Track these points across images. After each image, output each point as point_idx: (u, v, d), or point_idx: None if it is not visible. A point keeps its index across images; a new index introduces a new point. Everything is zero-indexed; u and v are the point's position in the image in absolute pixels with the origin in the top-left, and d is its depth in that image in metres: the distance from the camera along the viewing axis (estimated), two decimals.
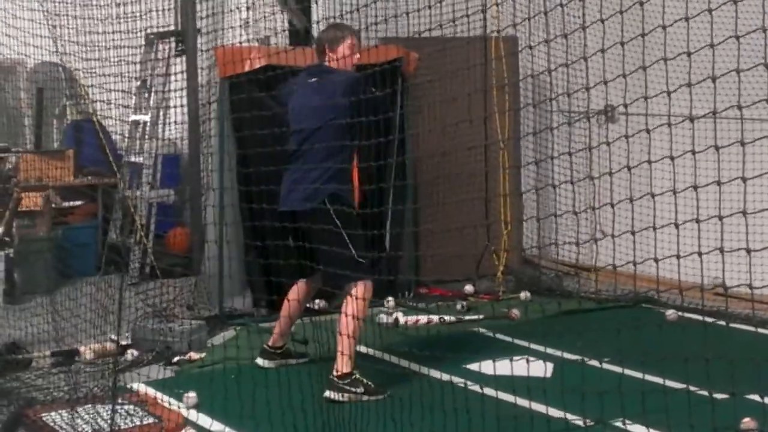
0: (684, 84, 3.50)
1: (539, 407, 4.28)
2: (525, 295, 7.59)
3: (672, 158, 3.52)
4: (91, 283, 7.22)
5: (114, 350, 5.91)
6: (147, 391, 5.03)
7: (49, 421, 4.57)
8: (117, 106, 8.29)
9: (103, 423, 4.44)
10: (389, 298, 7.25)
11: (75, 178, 8.99)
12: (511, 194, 8.05)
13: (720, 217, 3.38)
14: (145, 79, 8.78)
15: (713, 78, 3.21)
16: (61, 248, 8.33)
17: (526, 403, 4.29)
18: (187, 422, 4.65)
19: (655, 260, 3.62)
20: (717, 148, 3.38)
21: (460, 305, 7.24)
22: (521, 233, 8.62)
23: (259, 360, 5.69)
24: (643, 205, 3.95)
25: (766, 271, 5.09)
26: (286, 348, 5.76)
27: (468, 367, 5.32)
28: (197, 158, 8.38)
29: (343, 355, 5.07)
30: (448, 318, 6.81)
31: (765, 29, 3.01)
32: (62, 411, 4.67)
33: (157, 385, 5.28)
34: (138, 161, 8.66)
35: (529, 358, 4.58)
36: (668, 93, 3.58)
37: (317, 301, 6.75)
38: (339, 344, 5.07)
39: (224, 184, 6.97)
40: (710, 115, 3.35)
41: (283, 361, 5.66)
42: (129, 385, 5.20)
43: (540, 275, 8.18)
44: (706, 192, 3.50)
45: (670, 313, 6.74)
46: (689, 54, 3.46)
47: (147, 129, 8.70)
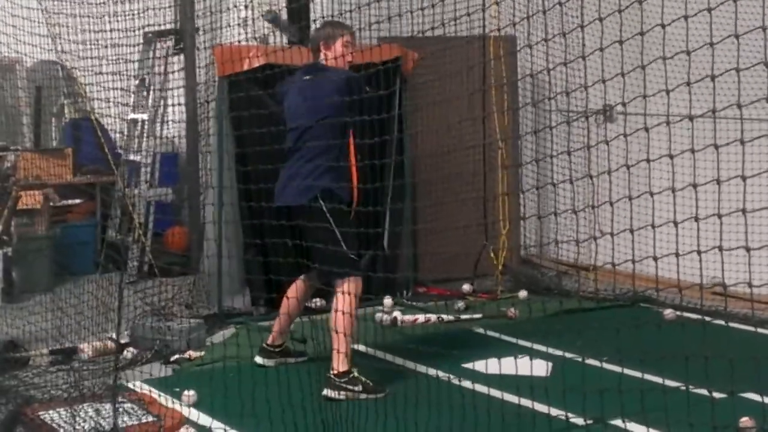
0: (683, 83, 3.50)
1: (538, 406, 4.28)
2: (523, 294, 7.59)
3: (671, 157, 3.52)
4: (90, 281, 7.22)
5: (112, 349, 5.92)
6: (146, 390, 5.03)
7: (47, 419, 4.56)
8: (115, 104, 8.28)
9: (102, 421, 4.43)
10: (388, 297, 7.25)
11: (73, 176, 8.99)
12: (510, 193, 8.05)
13: (719, 216, 3.38)
14: (144, 77, 8.79)
15: (712, 77, 3.21)
16: (60, 246, 8.33)
17: (524, 402, 4.30)
18: (186, 420, 4.65)
19: (654, 259, 3.62)
20: (716, 147, 3.38)
21: (458, 304, 7.24)
22: (519, 232, 8.62)
23: (258, 358, 5.69)
24: (641, 205, 3.95)
25: (764, 270, 5.08)
26: (285, 346, 5.76)
27: (466, 365, 5.32)
28: (196, 157, 8.38)
29: (339, 353, 5.07)
30: (447, 317, 6.81)
31: (764, 28, 3.00)
32: (61, 409, 4.67)
33: (156, 383, 5.28)
34: (136, 160, 8.66)
35: (528, 357, 4.60)
36: (667, 92, 3.58)
37: (315, 300, 6.76)
38: (334, 342, 5.08)
39: (223, 183, 6.97)
40: (709, 115, 3.35)
41: (282, 359, 5.66)
42: (128, 384, 5.20)
43: (538, 274, 8.18)
44: (705, 191, 3.50)
45: (669, 313, 6.75)
46: (688, 53, 3.46)
47: (145, 127, 8.70)
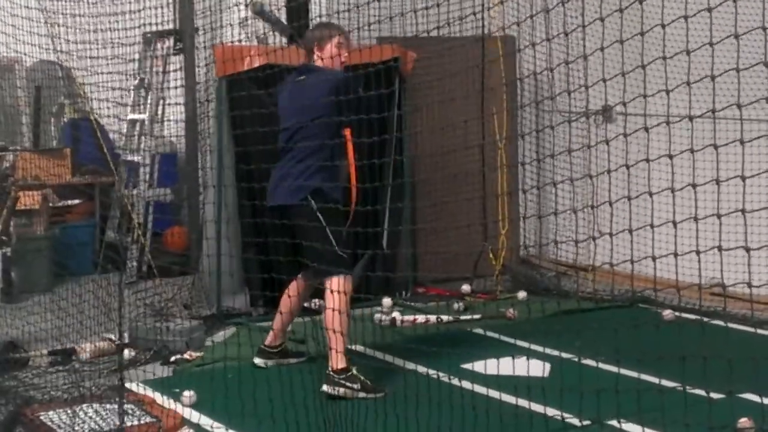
0: (683, 83, 3.50)
1: (536, 406, 4.28)
2: (522, 294, 7.59)
3: (671, 157, 3.52)
4: (89, 281, 7.21)
5: (112, 349, 5.91)
6: (145, 391, 5.02)
7: (46, 420, 4.55)
8: (115, 104, 8.28)
9: (101, 422, 4.43)
10: (387, 298, 7.24)
11: (72, 176, 8.98)
12: (509, 193, 8.04)
13: (718, 216, 3.38)
14: (143, 77, 8.79)
15: (712, 77, 3.21)
16: (59, 247, 8.33)
17: (522, 403, 4.29)
18: (185, 421, 4.64)
19: (653, 258, 3.62)
20: (716, 147, 3.38)
21: (457, 305, 7.24)
22: (518, 233, 8.62)
23: (257, 359, 5.69)
24: (640, 205, 3.95)
25: (764, 271, 5.08)
26: (284, 347, 5.76)
27: (465, 366, 5.32)
28: (195, 157, 8.38)
29: (337, 353, 5.08)
30: (446, 317, 6.80)
31: (764, 28, 3.00)
32: (60, 410, 4.66)
33: (155, 384, 5.28)
34: (135, 160, 8.66)
35: (526, 358, 4.59)
36: (667, 92, 3.58)
37: (315, 300, 6.75)
38: (330, 341, 5.10)
39: (222, 182, 6.97)
40: (709, 115, 3.34)
41: (280, 360, 5.66)
42: (127, 384, 5.19)
43: (537, 275, 8.18)
44: (705, 191, 3.50)
45: (668, 313, 6.75)
46: (688, 53, 3.46)
47: (144, 127, 8.70)
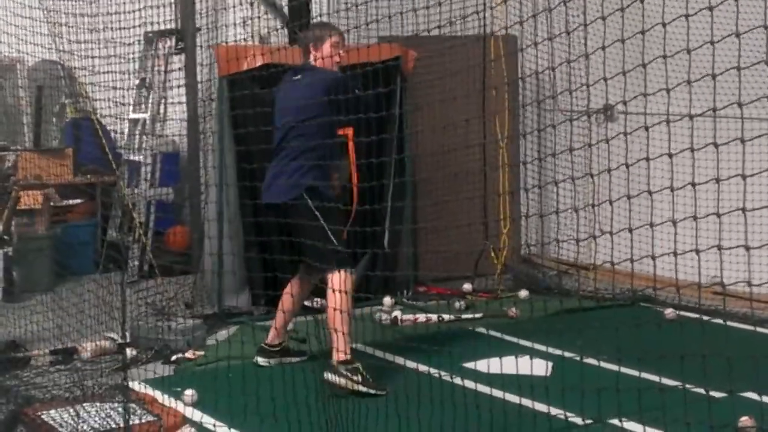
0: (683, 82, 3.50)
1: (538, 405, 4.28)
2: (524, 293, 7.59)
3: (671, 156, 3.52)
4: (91, 281, 7.21)
5: (113, 348, 5.92)
6: (146, 389, 5.03)
7: (48, 419, 4.56)
8: (116, 104, 8.29)
9: (103, 421, 4.44)
10: (388, 297, 7.25)
11: (74, 176, 8.99)
12: (509, 192, 8.04)
13: (718, 215, 3.38)
14: (145, 76, 8.79)
15: (713, 76, 3.21)
16: (60, 246, 8.33)
17: (523, 401, 4.30)
18: (186, 420, 4.65)
19: (653, 258, 3.62)
20: (716, 145, 3.38)
21: (458, 304, 7.24)
22: (520, 232, 8.62)
23: (259, 358, 5.69)
24: (641, 204, 3.95)
25: (764, 270, 5.09)
26: (285, 345, 5.76)
27: (466, 365, 5.32)
28: (196, 156, 8.39)
29: (338, 351, 5.10)
30: (447, 316, 6.81)
31: (765, 27, 3.00)
32: (61, 409, 4.67)
33: (157, 383, 5.28)
34: (137, 159, 8.67)
35: (528, 357, 4.60)
36: (667, 90, 3.58)
37: (317, 299, 6.75)
38: (333, 340, 5.12)
39: (224, 182, 6.97)
40: (709, 114, 3.35)
41: (281, 359, 5.67)
42: (128, 383, 5.19)
43: (539, 274, 8.18)
44: (706, 190, 3.50)
45: (669, 312, 6.75)
46: (689, 51, 3.46)
47: (146, 127, 8.70)
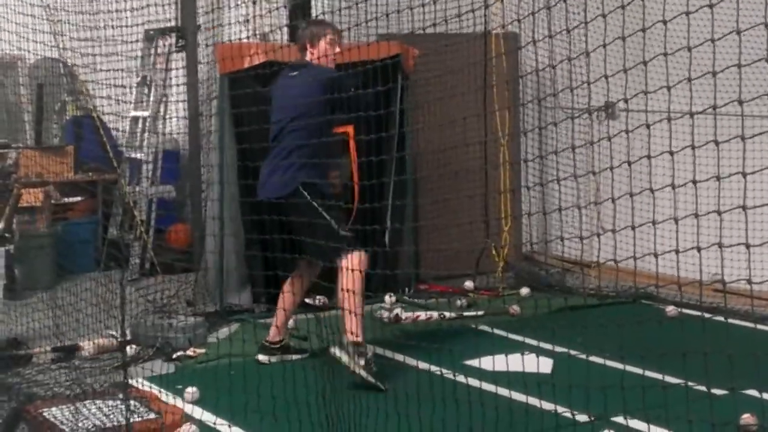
0: (684, 79, 3.50)
1: (535, 402, 4.29)
2: (525, 291, 7.59)
3: (672, 154, 3.52)
4: (92, 279, 7.22)
5: (114, 346, 5.92)
6: (147, 387, 5.03)
7: (49, 416, 4.56)
8: (117, 101, 8.29)
9: (104, 418, 4.44)
10: (389, 295, 7.25)
11: (75, 173, 9.00)
12: (511, 190, 8.05)
13: (719, 213, 3.38)
14: (145, 74, 8.79)
15: (714, 73, 3.21)
16: (61, 244, 8.34)
17: (522, 398, 4.30)
18: (187, 417, 4.65)
19: (655, 255, 3.62)
20: (717, 143, 3.38)
21: (460, 301, 7.24)
22: (521, 230, 8.62)
23: (260, 356, 5.70)
24: (642, 201, 3.94)
25: (765, 267, 5.08)
26: (286, 343, 5.77)
27: (468, 362, 5.33)
28: (197, 154, 8.39)
29: (351, 333, 5.08)
30: (448, 314, 6.81)
31: (766, 24, 3.00)
32: (63, 406, 4.67)
33: (158, 380, 5.28)
34: (138, 157, 8.67)
35: (531, 354, 4.59)
36: (668, 88, 3.58)
37: (318, 297, 6.76)
38: (345, 321, 5.09)
39: (224, 179, 6.98)
40: (710, 111, 3.35)
41: (282, 356, 5.67)
42: (130, 381, 5.20)
43: (540, 271, 8.18)
44: (707, 188, 3.50)
45: (670, 309, 6.75)
46: (689, 49, 3.46)
47: (147, 125, 8.71)
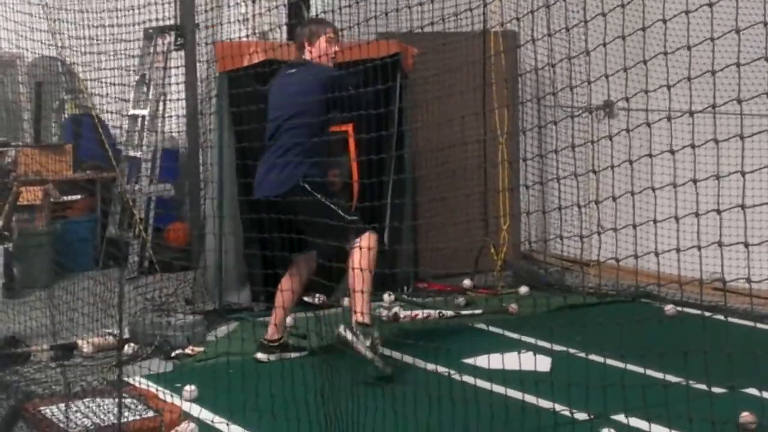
0: (684, 78, 3.50)
1: (534, 400, 4.29)
2: (524, 289, 7.59)
3: (672, 152, 3.52)
4: (90, 277, 7.22)
5: (113, 344, 5.92)
6: (146, 385, 5.03)
7: (48, 414, 4.56)
8: (116, 100, 8.29)
9: (102, 416, 4.44)
10: (388, 293, 7.24)
11: (74, 172, 8.99)
12: (509, 189, 8.04)
13: (719, 211, 3.38)
14: (144, 73, 8.79)
15: (713, 72, 3.21)
16: (60, 242, 8.34)
17: (519, 396, 4.30)
18: (186, 415, 4.65)
19: (656, 254, 3.62)
20: (716, 142, 3.38)
21: (458, 300, 7.24)
22: (520, 228, 8.62)
23: (259, 354, 5.70)
24: (642, 200, 3.95)
25: (764, 266, 5.09)
26: (284, 341, 5.77)
27: (466, 361, 5.33)
28: (196, 152, 8.38)
29: (358, 313, 5.06)
30: (447, 313, 6.81)
31: (765, 23, 3.00)
32: (61, 404, 4.67)
33: (156, 379, 5.28)
34: (137, 155, 8.67)
35: (528, 353, 4.60)
36: (668, 87, 3.58)
37: (318, 295, 6.75)
38: (355, 302, 5.07)
39: (224, 178, 6.98)
40: (710, 110, 3.35)
41: (281, 354, 5.67)
42: (128, 379, 5.20)
43: (539, 270, 8.18)
44: (707, 186, 3.50)
45: (670, 308, 6.75)
46: (689, 48, 3.46)
47: (146, 123, 8.70)
